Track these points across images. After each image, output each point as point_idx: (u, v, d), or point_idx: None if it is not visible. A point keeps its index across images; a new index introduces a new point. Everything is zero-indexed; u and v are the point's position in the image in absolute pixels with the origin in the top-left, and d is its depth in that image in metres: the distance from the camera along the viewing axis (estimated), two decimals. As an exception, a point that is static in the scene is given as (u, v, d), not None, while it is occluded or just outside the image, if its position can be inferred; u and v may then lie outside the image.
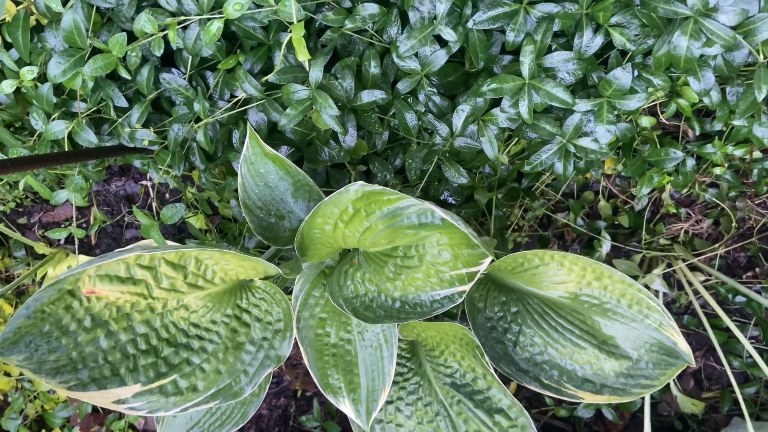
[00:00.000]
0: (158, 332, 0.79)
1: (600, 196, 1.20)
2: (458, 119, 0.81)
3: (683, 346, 0.87)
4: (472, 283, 0.73)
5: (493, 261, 0.73)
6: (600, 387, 0.88)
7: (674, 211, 1.19)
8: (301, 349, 0.85)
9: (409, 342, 0.92)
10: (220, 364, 0.82)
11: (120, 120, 0.91)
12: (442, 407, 0.88)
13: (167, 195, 1.22)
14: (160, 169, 0.92)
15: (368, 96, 0.80)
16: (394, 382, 0.89)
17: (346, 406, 0.85)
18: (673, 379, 1.23)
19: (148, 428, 1.42)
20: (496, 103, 0.84)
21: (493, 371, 0.83)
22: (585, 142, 0.84)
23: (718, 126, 1.01)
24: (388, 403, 0.89)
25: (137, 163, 0.99)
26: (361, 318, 0.80)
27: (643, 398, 1.26)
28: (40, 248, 1.24)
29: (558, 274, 0.88)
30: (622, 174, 1.15)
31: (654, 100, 0.98)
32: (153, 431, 1.42)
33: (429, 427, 0.88)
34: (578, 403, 1.30)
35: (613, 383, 0.88)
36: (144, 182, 1.24)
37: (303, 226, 0.75)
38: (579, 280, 0.88)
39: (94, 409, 1.37)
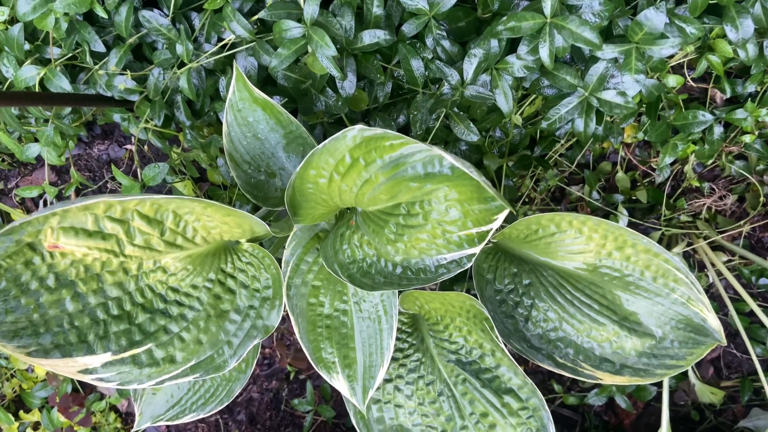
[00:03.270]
0: (132, 296, 0.71)
1: (618, 167, 1.12)
2: (470, 65, 0.73)
3: (713, 322, 0.79)
4: (483, 243, 0.65)
5: (510, 216, 0.65)
6: (620, 367, 0.80)
7: (697, 185, 1.11)
8: (292, 319, 0.77)
9: (411, 316, 0.84)
10: (201, 333, 0.74)
11: (97, 67, 0.82)
12: (446, 386, 0.80)
13: (153, 160, 1.14)
14: (141, 122, 0.84)
15: (370, 37, 0.71)
16: (394, 359, 0.81)
17: (340, 383, 0.78)
18: (692, 366, 1.15)
19: (132, 410, 1.34)
20: (511, 50, 0.76)
21: (503, 347, 0.75)
22: (609, 95, 0.76)
23: (750, 88, 0.93)
24: (387, 381, 0.81)
25: (117, 118, 0.91)
26: (358, 285, 0.72)
27: (658, 386, 1.19)
28: (18, 215, 1.16)
29: (575, 242, 0.80)
30: (645, 140, 1.07)
31: (683, 56, 0.90)
32: (137, 413, 1.34)
33: (431, 408, 0.80)
34: (589, 390, 1.22)
35: (634, 363, 0.80)
36: (128, 146, 1.16)
37: (294, 179, 0.67)
38: (599, 249, 0.80)
39: (74, 388, 1.29)
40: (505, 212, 0.61)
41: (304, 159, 0.64)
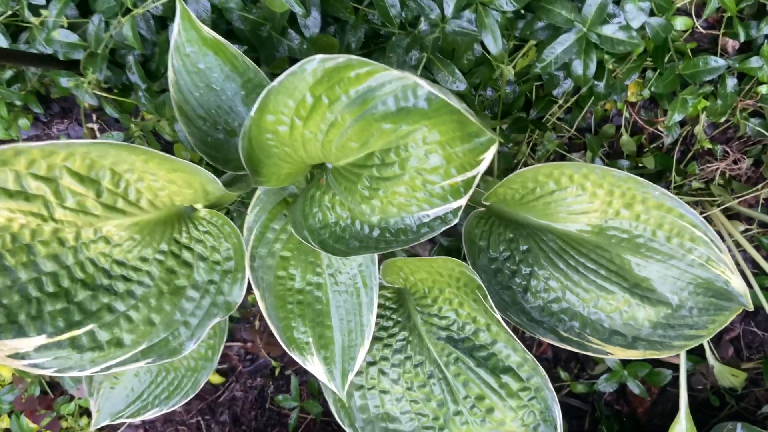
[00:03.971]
0: (71, 271, 0.62)
1: (622, 130, 1.02)
2: (450, -2, 0.64)
3: (737, 284, 0.70)
4: (470, 193, 0.56)
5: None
6: (632, 340, 0.70)
7: (709, 146, 1.01)
8: (257, 294, 0.67)
9: (396, 290, 0.75)
10: (152, 312, 0.65)
11: (36, 20, 0.73)
12: (436, 367, 0.70)
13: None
14: (87, 83, 0.75)
15: (335, -33, 0.62)
16: (377, 339, 0.72)
17: (315, 366, 0.68)
18: (710, 347, 1.06)
19: (107, 413, 1.25)
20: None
21: (499, 318, 0.65)
22: (610, 29, 0.66)
23: (766, 29, 0.84)
24: (370, 364, 0.72)
25: (64, 82, 0.82)
26: (330, 251, 0.63)
27: (674, 370, 1.09)
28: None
29: (578, 201, 0.70)
30: (651, 98, 0.98)
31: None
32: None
33: (420, 392, 0.70)
34: (598, 377, 1.12)
35: (648, 335, 0.71)
36: (91, 125, 1.07)
37: (249, 127, 0.58)
38: (605, 208, 0.71)
39: (43, 390, 1.20)
40: (493, 149, 0.51)
41: (258, 100, 0.55)
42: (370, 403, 0.72)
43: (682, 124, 1.04)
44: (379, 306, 0.71)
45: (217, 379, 1.20)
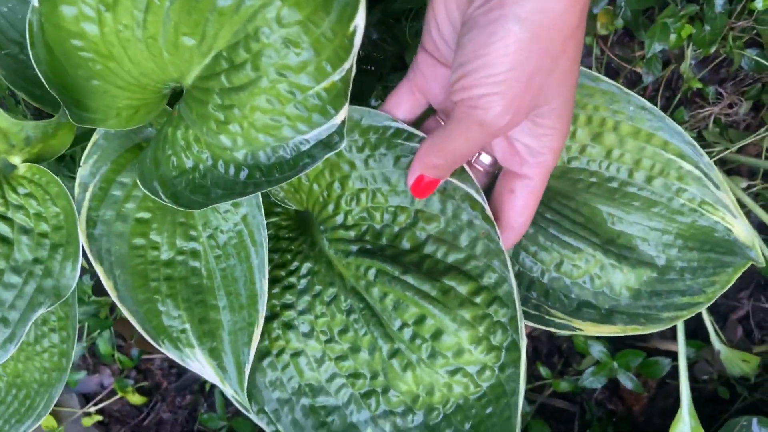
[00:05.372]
0: None
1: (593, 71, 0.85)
2: None
3: (742, 232, 0.53)
4: (349, 92, 0.39)
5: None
6: (607, 312, 0.53)
7: (699, 86, 0.84)
8: (99, 272, 0.50)
9: (292, 214, 0.55)
10: (-52, 305, 0.47)
11: None
12: (354, 296, 0.49)
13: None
14: None
15: None
16: (275, 280, 0.52)
17: (198, 363, 0.50)
18: (714, 329, 0.88)
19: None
20: None
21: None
22: None
23: None
24: (271, 318, 0.52)
25: None
26: (186, 205, 0.46)
27: (673, 358, 0.91)
28: None
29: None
30: (625, 30, 0.81)
31: None
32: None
33: (344, 340, 0.49)
34: (582, 372, 0.94)
35: (628, 306, 0.53)
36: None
37: (41, 25, 0.40)
38: (567, 143, 0.54)
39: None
40: (363, 6, 0.34)
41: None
42: (283, 376, 0.52)
43: (665, 63, 0.87)
44: (273, 237, 0.52)
45: (137, 399, 1.02)
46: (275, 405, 0.51)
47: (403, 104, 0.45)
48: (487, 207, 0.44)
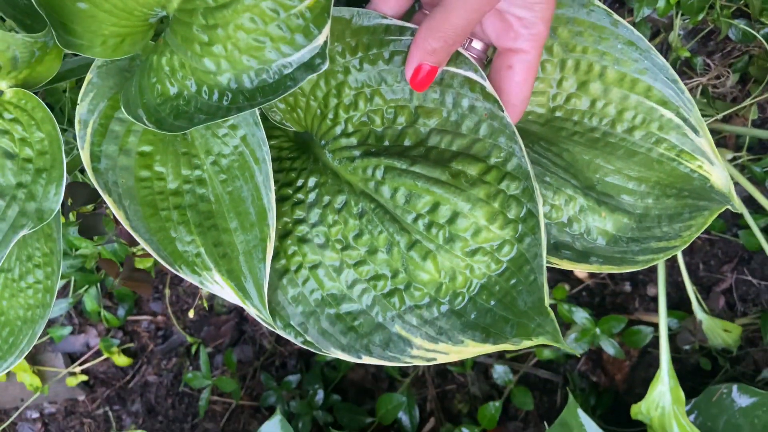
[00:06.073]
0: None
1: (582, 38, 0.86)
2: None
3: (719, 179, 0.53)
4: (331, 10, 0.39)
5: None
6: (583, 253, 0.53)
7: (687, 56, 0.85)
8: (110, 203, 0.50)
9: (291, 136, 0.55)
10: (-70, 223, 0.47)
11: None
12: (364, 199, 0.49)
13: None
14: None
15: None
16: (284, 199, 0.51)
17: (217, 284, 0.49)
18: (697, 298, 0.89)
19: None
20: None
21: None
22: None
23: None
24: (286, 236, 0.52)
25: None
26: (168, 129, 0.46)
27: (655, 328, 0.92)
28: None
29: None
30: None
31: None
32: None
33: (360, 244, 0.49)
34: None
35: (604, 250, 0.54)
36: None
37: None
38: (554, 90, 0.55)
39: None
40: None
41: None
42: (304, 290, 0.51)
43: (655, 34, 0.88)
44: (276, 159, 0.53)
45: (123, 360, 1.02)
46: (300, 318, 0.51)
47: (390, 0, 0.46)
48: (487, 84, 0.44)
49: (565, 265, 0.51)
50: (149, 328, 1.04)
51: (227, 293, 0.50)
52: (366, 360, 0.50)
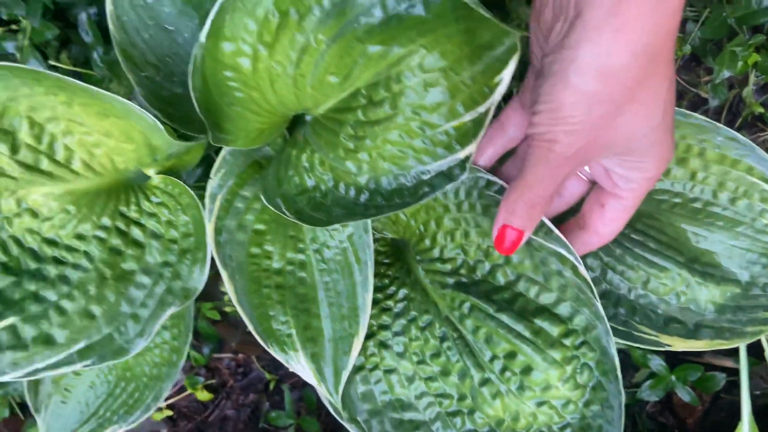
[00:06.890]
0: (-11, 252, 0.50)
1: (658, 96, 0.89)
2: None
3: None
4: (480, 135, 0.43)
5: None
6: (694, 327, 0.56)
7: (761, 111, 0.88)
8: (224, 275, 0.54)
9: (389, 242, 0.60)
10: (92, 303, 0.52)
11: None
12: (449, 326, 0.54)
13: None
14: (25, 38, 0.63)
15: None
16: (373, 302, 0.56)
17: (301, 365, 0.54)
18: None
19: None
20: None
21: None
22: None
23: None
24: (368, 337, 0.57)
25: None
26: (308, 221, 0.50)
27: (728, 374, 0.94)
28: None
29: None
30: (692, 55, 0.85)
31: None
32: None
33: (435, 363, 0.54)
34: (640, 385, 0.97)
35: (713, 320, 0.57)
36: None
37: (202, 58, 0.45)
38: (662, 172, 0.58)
39: (12, 411, 1.07)
40: (514, 61, 0.38)
41: (209, 20, 0.43)
42: (375, 389, 0.56)
43: (729, 88, 0.90)
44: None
45: (205, 396, 1.07)
46: (366, 416, 0.56)
47: (487, 150, 0.49)
48: (581, 266, 0.47)
49: (676, 343, 0.54)
50: (230, 365, 1.08)
51: (307, 374, 0.54)
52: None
